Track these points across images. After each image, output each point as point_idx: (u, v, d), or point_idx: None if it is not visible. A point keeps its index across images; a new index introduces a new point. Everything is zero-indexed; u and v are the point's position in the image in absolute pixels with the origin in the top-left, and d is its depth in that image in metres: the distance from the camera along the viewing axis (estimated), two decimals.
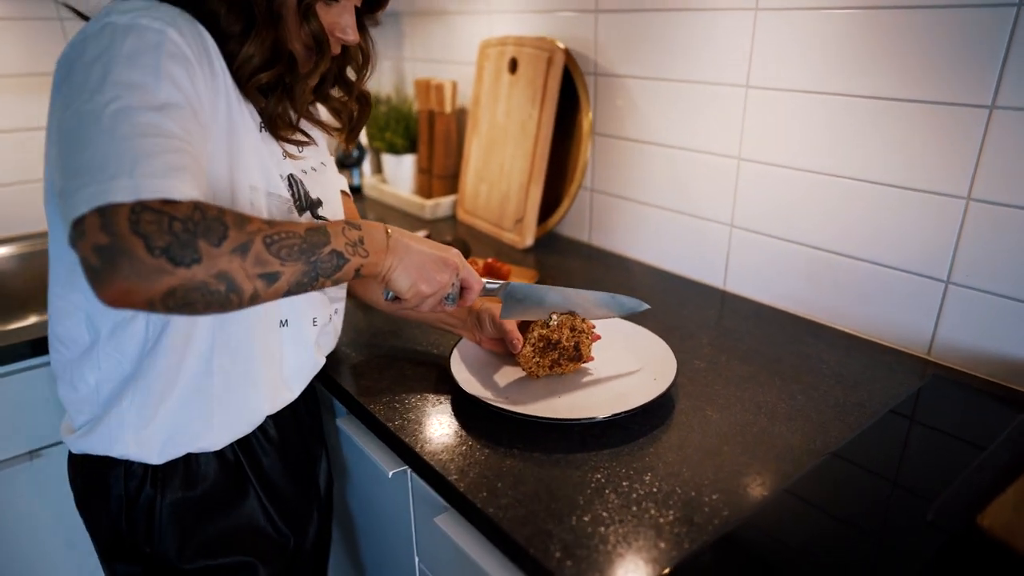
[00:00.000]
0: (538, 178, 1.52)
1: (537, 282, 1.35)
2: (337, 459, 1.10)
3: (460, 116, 1.87)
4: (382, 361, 1.02)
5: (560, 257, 1.50)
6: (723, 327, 1.14)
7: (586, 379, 0.95)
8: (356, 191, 2.10)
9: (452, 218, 1.83)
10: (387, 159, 1.98)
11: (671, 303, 1.24)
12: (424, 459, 0.79)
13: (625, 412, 0.82)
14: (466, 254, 1.37)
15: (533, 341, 0.89)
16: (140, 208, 0.54)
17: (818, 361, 1.02)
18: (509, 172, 1.59)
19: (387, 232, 0.75)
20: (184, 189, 0.58)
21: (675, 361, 0.94)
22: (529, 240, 1.55)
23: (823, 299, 1.14)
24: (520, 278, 1.33)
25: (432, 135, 1.83)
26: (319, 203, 0.88)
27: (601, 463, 0.77)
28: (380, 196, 2.01)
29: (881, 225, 1.04)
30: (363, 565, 1.17)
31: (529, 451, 0.80)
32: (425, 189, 1.90)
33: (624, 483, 0.74)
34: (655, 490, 0.73)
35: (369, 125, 2.03)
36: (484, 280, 0.86)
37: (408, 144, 1.93)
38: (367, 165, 2.12)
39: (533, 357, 0.90)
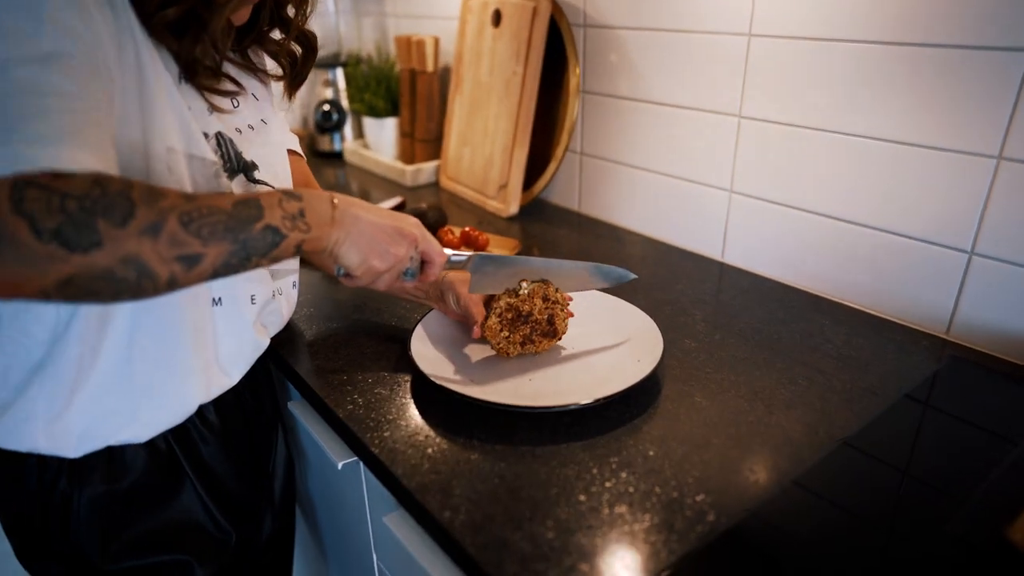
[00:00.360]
0: (523, 140, 1.40)
1: (519, 254, 1.24)
2: (296, 446, 1.01)
3: (444, 75, 1.75)
4: (340, 337, 0.93)
5: (546, 226, 1.39)
6: (719, 302, 1.04)
7: (562, 358, 0.85)
8: (337, 157, 1.99)
9: (435, 185, 1.72)
10: (368, 123, 1.87)
11: (663, 276, 1.13)
12: (372, 451, 0.70)
13: (602, 399, 0.72)
14: (441, 223, 1.26)
15: (500, 311, 0.80)
16: (23, 183, 0.45)
17: (823, 340, 0.92)
18: (493, 134, 1.48)
19: (332, 202, 0.65)
20: (79, 158, 0.48)
21: (662, 340, 0.84)
22: (514, 208, 1.44)
23: (830, 272, 1.04)
24: (500, 249, 1.23)
25: (414, 96, 1.72)
26: (254, 166, 0.78)
27: (572, 457, 0.68)
28: (362, 162, 1.90)
29: (897, 189, 0.93)
30: (327, 557, 1.09)
31: (492, 442, 0.71)
32: (408, 154, 1.79)
33: (596, 482, 0.65)
34: (631, 490, 0.64)
35: (349, 87, 1.91)
36: (449, 252, 0.76)
37: (390, 107, 1.81)
38: (348, 130, 2.00)
39: (501, 331, 0.81)
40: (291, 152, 0.91)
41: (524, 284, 0.81)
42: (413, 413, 0.76)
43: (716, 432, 0.72)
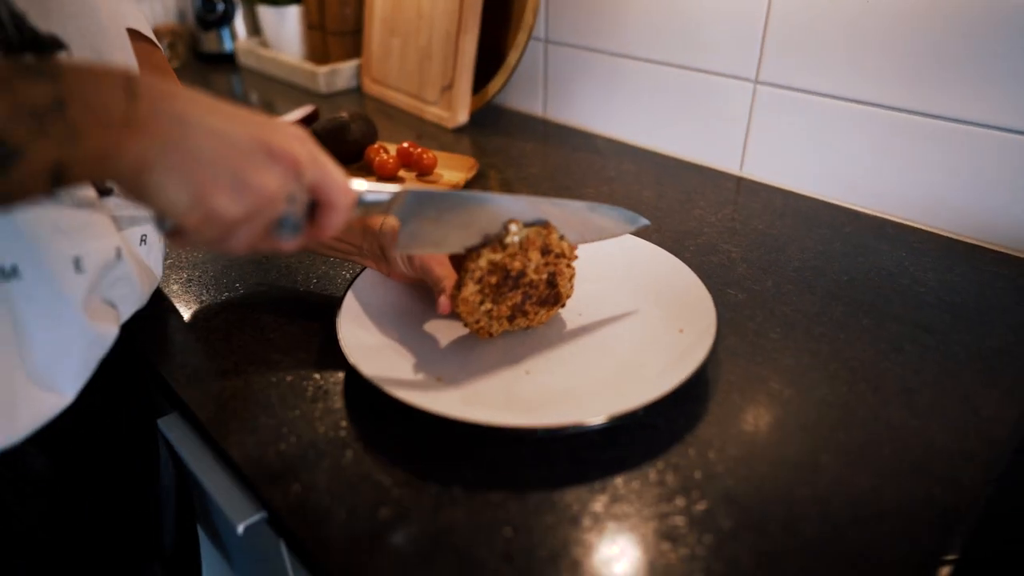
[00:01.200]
0: (471, 24, 1.07)
1: (477, 176, 0.94)
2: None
3: None
4: (233, 316, 0.63)
5: (506, 138, 1.09)
6: (754, 231, 0.79)
7: (568, 332, 0.58)
8: (227, 60, 1.59)
9: (357, 91, 1.37)
10: (265, 13, 1.47)
11: (672, 199, 0.87)
12: (282, 514, 0.43)
13: (636, 408, 0.46)
14: (369, 139, 0.94)
15: (480, 275, 0.52)
16: None
17: (910, 281, 0.68)
18: (429, 18, 1.14)
19: (130, 87, 0.34)
20: None
21: (710, 299, 0.58)
22: (462, 116, 1.12)
23: (890, 184, 0.80)
24: (453, 171, 0.93)
25: None
26: (55, 44, 0.46)
27: (581, 504, 0.43)
28: (259, 65, 1.52)
29: (979, 67, 0.68)
30: None
31: (458, 479, 0.44)
32: (319, 52, 1.42)
33: (650, 547, 0.39)
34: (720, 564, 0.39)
35: None
36: (361, 186, 0.45)
37: None
38: (240, 24, 1.60)
39: (481, 304, 0.53)
40: (135, 35, 0.57)
41: (514, 228, 0.52)
42: (338, 437, 0.48)
43: (819, 443, 0.48)
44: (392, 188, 0.46)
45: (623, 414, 0.46)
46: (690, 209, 0.84)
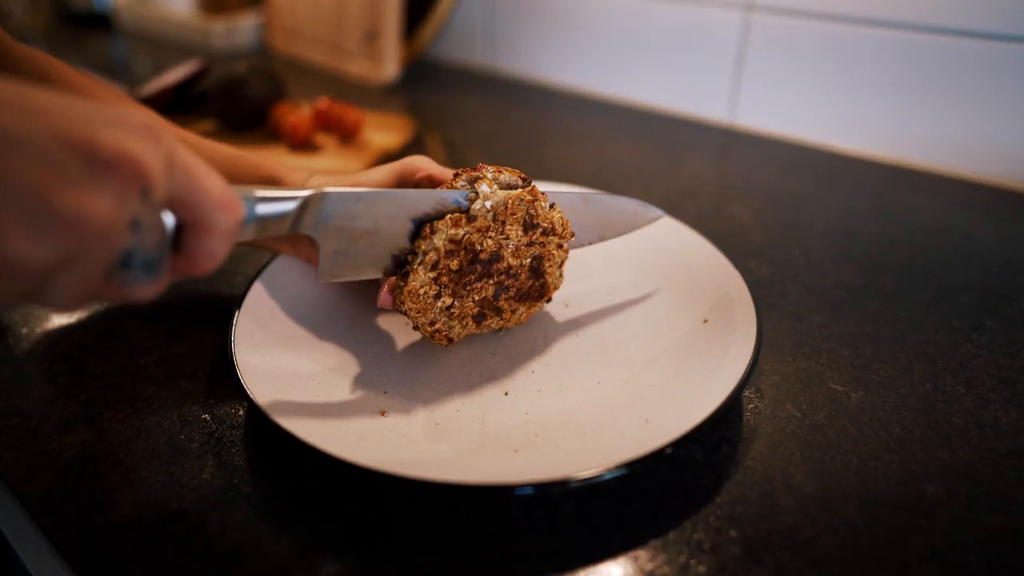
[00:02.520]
0: None
1: (415, 141, 0.79)
2: None
3: None
4: (91, 335, 0.47)
5: (446, 95, 0.94)
6: (760, 189, 0.67)
7: (554, 335, 0.45)
8: (103, 21, 1.38)
9: (264, 53, 1.19)
10: None
11: (657, 155, 0.74)
12: None
13: (665, 446, 0.33)
14: (272, 97, 0.78)
15: (436, 258, 0.38)
16: None
17: (962, 238, 0.58)
18: None
19: None
20: None
21: (740, 278, 0.45)
22: (391, 68, 0.97)
23: (921, 125, 0.69)
24: (383, 132, 0.78)
25: None
26: None
27: None
28: (145, 24, 1.32)
29: None
30: None
31: (415, 558, 0.30)
32: (212, 2, 1.23)
33: None
34: None
35: None
36: (256, 191, 0.30)
37: None
38: None
39: (438, 298, 0.39)
40: None
41: (485, 189, 0.38)
42: (250, 512, 0.34)
43: (916, 466, 0.36)
44: (300, 193, 0.32)
45: (647, 456, 0.33)
46: (679, 167, 0.71)
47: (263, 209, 0.31)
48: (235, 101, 0.75)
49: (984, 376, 0.42)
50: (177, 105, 0.80)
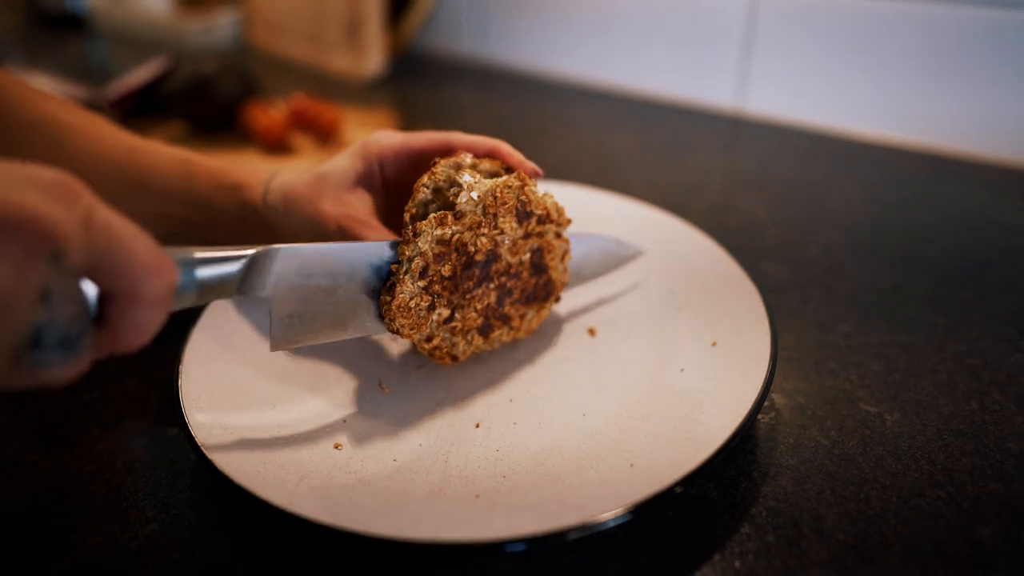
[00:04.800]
0: None
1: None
2: None
3: None
4: None
5: (436, 89, 0.90)
6: (774, 180, 0.63)
7: (532, 355, 0.40)
8: (78, 23, 1.34)
9: (242, 50, 1.15)
10: None
11: (661, 147, 0.70)
12: None
13: (673, 485, 0.29)
14: (241, 95, 0.73)
15: (424, 264, 0.34)
16: None
17: (1003, 230, 0.54)
18: None
19: None
20: None
21: (748, 280, 0.41)
22: (375, 62, 0.93)
23: (950, 107, 0.64)
24: (364, 129, 0.74)
25: None
26: None
27: None
28: (121, 24, 1.28)
29: None
30: None
31: None
32: None
33: None
34: None
35: None
36: (190, 252, 0.27)
37: None
38: None
39: (433, 310, 0.34)
40: None
41: (468, 178, 0.34)
42: None
43: (966, 502, 0.32)
44: (245, 251, 0.29)
45: (654, 497, 0.28)
46: (685, 158, 0.67)
47: (203, 273, 0.27)
48: (203, 101, 0.71)
49: None
50: (142, 107, 0.76)
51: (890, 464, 0.34)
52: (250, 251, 0.29)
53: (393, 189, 0.43)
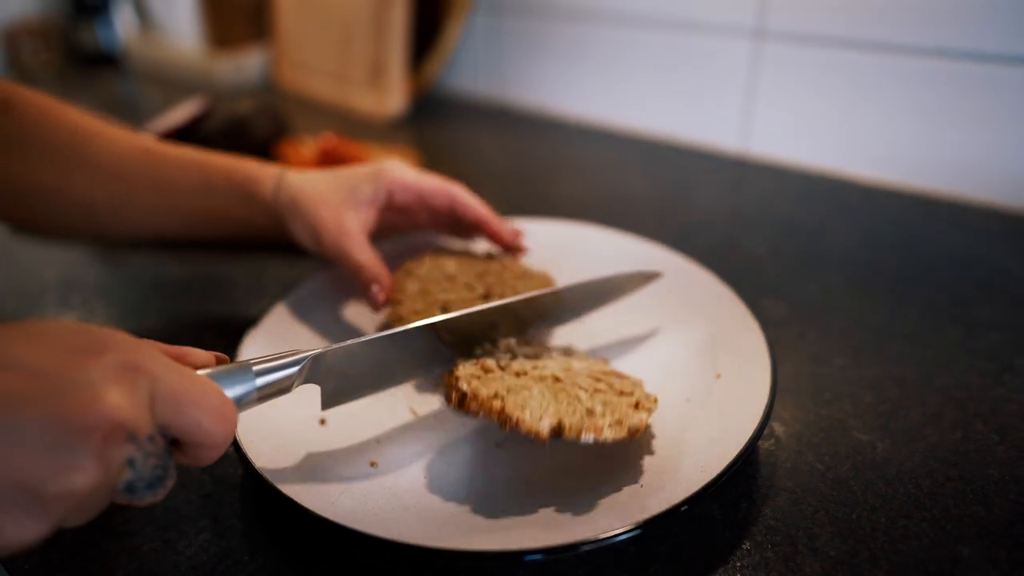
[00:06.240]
0: None
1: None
2: None
3: None
4: None
5: (455, 129, 0.94)
6: (775, 220, 0.66)
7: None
8: (111, 61, 1.40)
9: (268, 88, 1.20)
10: None
11: (666, 186, 0.74)
12: None
13: (679, 504, 0.32)
14: (275, 134, 0.78)
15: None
16: None
17: (989, 271, 0.57)
18: None
19: None
20: None
21: (747, 312, 0.44)
22: (396, 102, 0.97)
23: (941, 152, 0.68)
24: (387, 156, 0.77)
25: None
26: None
27: None
28: (153, 62, 1.34)
29: None
30: None
31: None
32: (223, 32, 1.25)
33: None
34: None
35: None
36: (244, 383, 0.30)
37: None
38: (126, 13, 1.41)
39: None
40: None
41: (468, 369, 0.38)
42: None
43: (948, 524, 0.35)
44: (297, 362, 0.33)
45: (663, 514, 0.32)
46: (691, 199, 0.71)
47: (263, 381, 0.31)
48: (239, 141, 0.75)
49: (1019, 423, 0.41)
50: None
51: (880, 488, 0.37)
52: (300, 360, 0.33)
53: (395, 210, 0.49)
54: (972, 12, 0.63)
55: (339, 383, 0.36)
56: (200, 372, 0.29)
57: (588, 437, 0.33)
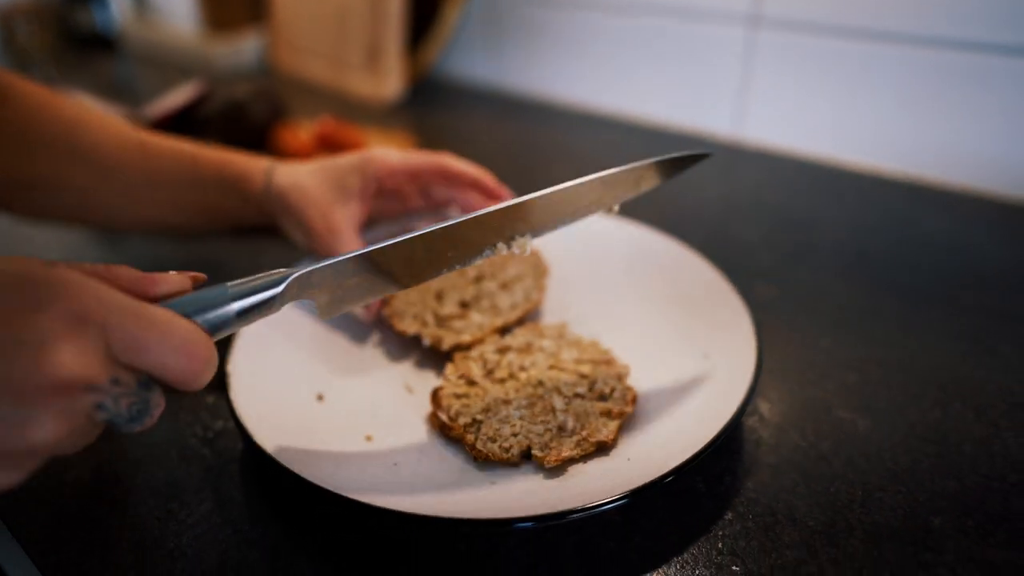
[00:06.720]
0: None
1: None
2: None
3: None
4: None
5: (452, 114, 0.95)
6: (768, 207, 0.67)
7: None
8: (107, 44, 1.40)
9: (265, 71, 1.21)
10: None
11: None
12: None
13: (665, 476, 0.33)
14: (271, 118, 0.79)
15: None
16: None
17: (972, 257, 0.59)
18: None
19: None
20: None
21: (736, 296, 0.45)
22: (393, 86, 0.98)
23: (928, 139, 0.69)
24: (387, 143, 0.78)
25: None
26: None
27: None
28: (149, 44, 1.34)
29: None
30: None
31: None
32: (221, 15, 1.25)
33: None
34: None
35: None
36: (227, 291, 0.29)
37: None
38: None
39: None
40: None
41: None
42: (253, 560, 0.34)
43: (923, 496, 0.36)
44: (270, 281, 0.30)
45: (649, 484, 0.33)
46: (685, 185, 0.72)
47: (240, 305, 0.29)
48: (237, 125, 0.76)
49: (996, 402, 0.42)
50: (179, 128, 0.82)
51: (859, 463, 0.38)
52: (288, 273, 0.31)
53: (386, 196, 0.50)
54: (965, 2, 0.64)
55: (335, 294, 0.34)
56: (170, 302, 0.27)
57: (551, 464, 0.35)
